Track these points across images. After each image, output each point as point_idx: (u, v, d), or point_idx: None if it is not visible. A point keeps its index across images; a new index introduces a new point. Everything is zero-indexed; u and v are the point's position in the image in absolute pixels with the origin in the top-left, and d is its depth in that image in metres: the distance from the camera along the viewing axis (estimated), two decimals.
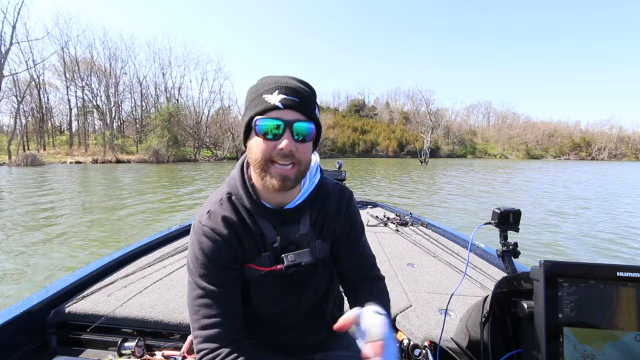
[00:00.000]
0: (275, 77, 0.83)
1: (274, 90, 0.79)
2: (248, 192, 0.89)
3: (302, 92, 0.81)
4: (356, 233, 1.05)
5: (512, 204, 2.57)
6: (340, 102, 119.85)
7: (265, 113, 0.79)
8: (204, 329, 0.84)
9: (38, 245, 5.79)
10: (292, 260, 0.89)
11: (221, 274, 0.87)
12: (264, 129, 0.79)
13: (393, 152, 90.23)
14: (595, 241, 6.86)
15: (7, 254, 5.29)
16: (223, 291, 0.87)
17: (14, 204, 9.95)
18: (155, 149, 40.46)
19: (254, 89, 0.84)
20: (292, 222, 0.92)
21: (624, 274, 0.70)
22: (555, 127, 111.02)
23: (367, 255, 1.07)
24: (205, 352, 0.84)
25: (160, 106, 50.28)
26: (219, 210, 0.89)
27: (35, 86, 43.71)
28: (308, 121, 0.81)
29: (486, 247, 2.58)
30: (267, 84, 0.81)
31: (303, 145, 0.81)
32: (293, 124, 0.79)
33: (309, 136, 0.82)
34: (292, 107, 0.79)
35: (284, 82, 0.80)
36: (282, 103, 0.78)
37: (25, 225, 7.23)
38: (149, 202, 10.69)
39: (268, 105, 0.78)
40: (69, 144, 45.69)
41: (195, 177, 20.62)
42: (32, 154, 31.71)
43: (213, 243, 0.86)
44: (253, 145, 0.82)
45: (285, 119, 0.78)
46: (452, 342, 1.19)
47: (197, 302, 0.86)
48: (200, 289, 0.86)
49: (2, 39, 33.90)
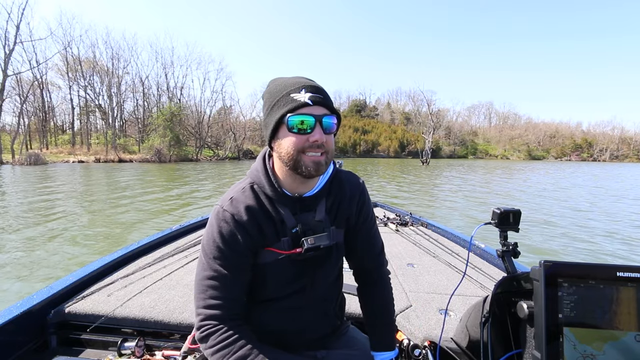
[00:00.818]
0: (293, 78, 0.92)
1: (301, 90, 0.87)
2: (270, 181, 0.96)
3: (323, 90, 0.90)
4: (368, 219, 1.13)
5: (513, 204, 2.57)
6: (341, 102, 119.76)
7: (296, 110, 0.86)
8: (208, 308, 0.91)
9: (49, 243, 5.82)
10: (311, 244, 0.95)
11: (234, 259, 0.93)
12: (296, 124, 0.86)
13: (394, 153, 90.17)
14: (595, 241, 6.85)
15: (12, 252, 5.31)
16: (232, 276, 0.93)
17: (20, 202, 9.99)
18: (157, 148, 40.60)
19: (277, 89, 0.91)
20: (309, 209, 1.00)
21: (624, 274, 0.70)
22: (557, 128, 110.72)
23: (377, 241, 1.17)
24: (206, 328, 0.90)
25: (162, 106, 50.42)
26: (241, 198, 0.96)
27: (39, 86, 43.86)
28: (332, 115, 0.90)
29: (486, 247, 2.58)
30: (291, 84, 0.89)
31: (330, 137, 0.90)
32: (322, 118, 0.87)
33: (333, 128, 0.91)
34: (320, 103, 0.87)
35: (306, 82, 0.89)
36: (311, 100, 0.86)
37: (31, 222, 7.25)
38: (165, 201, 10.75)
39: (299, 103, 0.86)
40: (72, 143, 45.78)
41: (199, 176, 20.65)
42: (35, 153, 31.83)
43: (231, 229, 0.92)
44: (284, 142, 0.89)
45: (315, 114, 0.87)
46: (452, 342, 1.19)
47: (206, 283, 0.92)
48: (211, 270, 0.92)
49: (6, 39, 34.15)
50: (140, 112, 53.31)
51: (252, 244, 0.94)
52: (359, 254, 1.14)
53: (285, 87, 0.89)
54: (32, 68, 40.90)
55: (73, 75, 46.72)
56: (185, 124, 48.31)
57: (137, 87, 53.22)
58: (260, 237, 0.95)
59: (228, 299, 0.92)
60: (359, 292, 1.21)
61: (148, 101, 54.29)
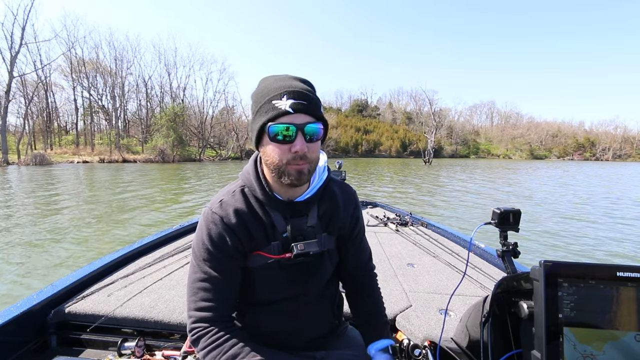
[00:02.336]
0: (279, 80, 0.87)
1: (283, 96, 0.83)
2: (261, 184, 0.95)
3: (308, 94, 0.85)
4: (360, 231, 1.14)
5: (514, 204, 2.56)
6: (342, 102, 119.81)
7: (277, 119, 0.83)
8: (200, 310, 0.91)
9: (54, 244, 5.84)
10: (301, 249, 0.94)
11: (223, 262, 0.92)
12: (277, 134, 0.84)
13: (396, 152, 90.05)
14: (596, 241, 6.83)
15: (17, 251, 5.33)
16: (222, 277, 0.92)
17: (28, 202, 10.06)
18: (161, 148, 40.78)
19: (261, 94, 0.88)
20: (301, 214, 0.98)
21: (624, 274, 0.70)
22: (559, 127, 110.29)
23: (365, 249, 1.18)
24: (197, 330, 0.90)
25: (165, 106, 50.47)
26: (231, 201, 0.95)
27: (43, 87, 44.08)
28: (317, 122, 0.86)
29: (486, 247, 2.58)
30: (274, 89, 0.85)
31: (313, 145, 0.87)
32: (304, 127, 0.84)
33: (318, 135, 0.88)
34: (302, 110, 0.83)
35: (290, 87, 0.84)
36: (292, 108, 0.82)
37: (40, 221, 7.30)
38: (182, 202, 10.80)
39: (279, 112, 0.82)
40: (76, 143, 45.99)
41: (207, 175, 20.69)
42: (41, 154, 32.04)
43: (220, 231, 0.92)
44: (268, 150, 0.88)
45: (296, 123, 0.83)
46: (452, 342, 1.18)
47: (197, 285, 0.92)
48: (201, 273, 0.92)
49: (12, 41, 34.42)
50: (143, 112, 53.47)
51: (241, 247, 0.94)
52: (350, 264, 1.14)
53: (269, 91, 0.86)
54: (37, 69, 41.18)
55: (77, 77, 46.89)
56: (187, 125, 48.41)
57: (140, 87, 53.43)
58: (249, 241, 0.95)
59: (219, 300, 0.92)
60: (349, 299, 1.21)
61: (151, 102, 54.47)
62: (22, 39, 35.20)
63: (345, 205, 1.07)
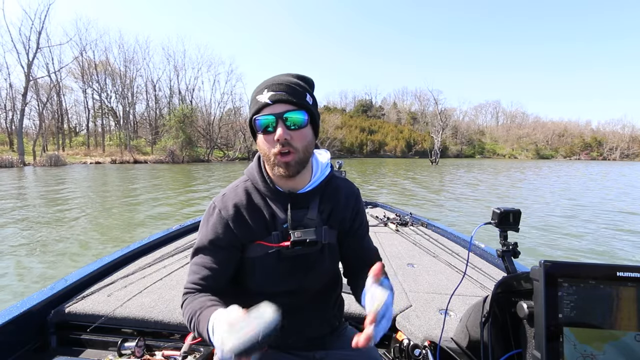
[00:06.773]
0: (267, 79, 0.93)
1: (264, 90, 0.89)
2: (263, 177, 0.99)
3: (290, 85, 0.89)
4: (362, 225, 1.13)
5: (515, 204, 2.53)
6: (347, 103, 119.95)
7: (260, 112, 0.89)
8: (193, 283, 0.95)
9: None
10: (298, 237, 0.96)
11: (218, 252, 0.96)
12: (261, 125, 0.89)
13: (401, 152, 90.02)
14: (595, 241, 6.77)
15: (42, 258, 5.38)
16: (218, 266, 0.96)
17: (39, 203, 10.22)
18: (170, 149, 41.41)
19: (252, 93, 0.94)
20: (302, 206, 1.00)
21: (624, 274, 0.69)
22: (566, 127, 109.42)
23: (370, 248, 1.15)
24: (184, 299, 0.93)
25: (174, 107, 50.91)
26: (232, 194, 1.00)
27: (55, 89, 44.77)
28: (299, 110, 0.89)
29: (486, 247, 2.57)
30: (260, 86, 0.91)
31: (297, 132, 0.89)
32: (282, 115, 0.87)
33: (301, 123, 0.90)
34: (281, 100, 0.87)
35: (272, 81, 0.90)
36: (271, 99, 0.87)
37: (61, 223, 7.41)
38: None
39: (260, 104, 0.88)
40: (87, 145, 46.57)
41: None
42: (56, 155, 32.70)
43: (217, 223, 0.97)
44: (259, 142, 0.93)
45: (275, 112, 0.87)
46: (452, 342, 1.18)
47: (193, 268, 0.97)
48: (199, 258, 0.97)
49: (29, 45, 35.48)
50: (152, 114, 53.92)
51: (235, 239, 0.97)
52: (354, 261, 1.13)
53: (256, 89, 0.92)
54: (51, 73, 42.11)
55: (88, 79, 47.56)
56: (196, 126, 48.79)
57: (149, 89, 53.93)
58: (248, 232, 0.97)
59: (210, 279, 0.95)
60: (351, 284, 1.14)
61: (159, 103, 54.97)
62: (38, 43, 36.17)
63: (346, 199, 1.08)
